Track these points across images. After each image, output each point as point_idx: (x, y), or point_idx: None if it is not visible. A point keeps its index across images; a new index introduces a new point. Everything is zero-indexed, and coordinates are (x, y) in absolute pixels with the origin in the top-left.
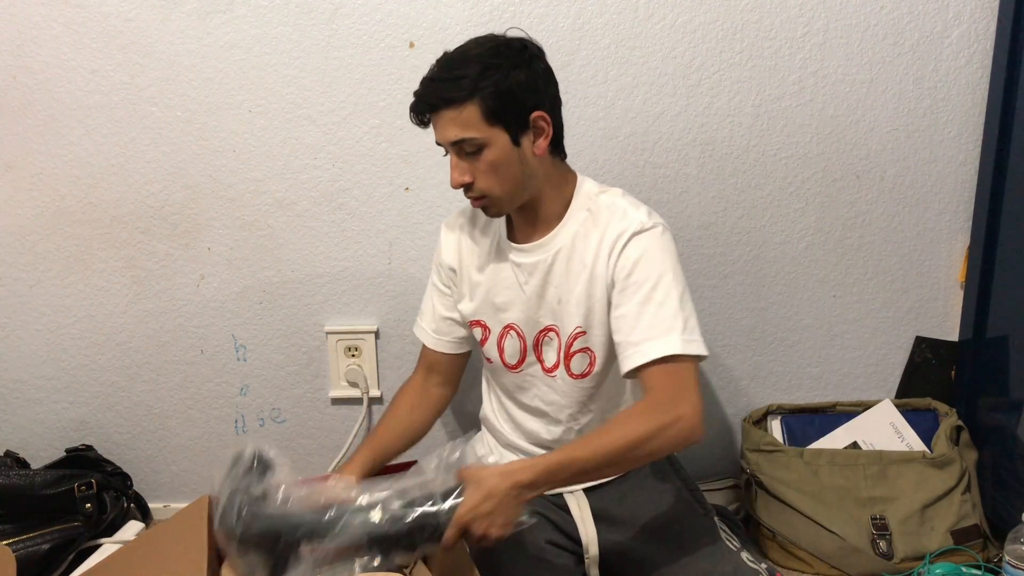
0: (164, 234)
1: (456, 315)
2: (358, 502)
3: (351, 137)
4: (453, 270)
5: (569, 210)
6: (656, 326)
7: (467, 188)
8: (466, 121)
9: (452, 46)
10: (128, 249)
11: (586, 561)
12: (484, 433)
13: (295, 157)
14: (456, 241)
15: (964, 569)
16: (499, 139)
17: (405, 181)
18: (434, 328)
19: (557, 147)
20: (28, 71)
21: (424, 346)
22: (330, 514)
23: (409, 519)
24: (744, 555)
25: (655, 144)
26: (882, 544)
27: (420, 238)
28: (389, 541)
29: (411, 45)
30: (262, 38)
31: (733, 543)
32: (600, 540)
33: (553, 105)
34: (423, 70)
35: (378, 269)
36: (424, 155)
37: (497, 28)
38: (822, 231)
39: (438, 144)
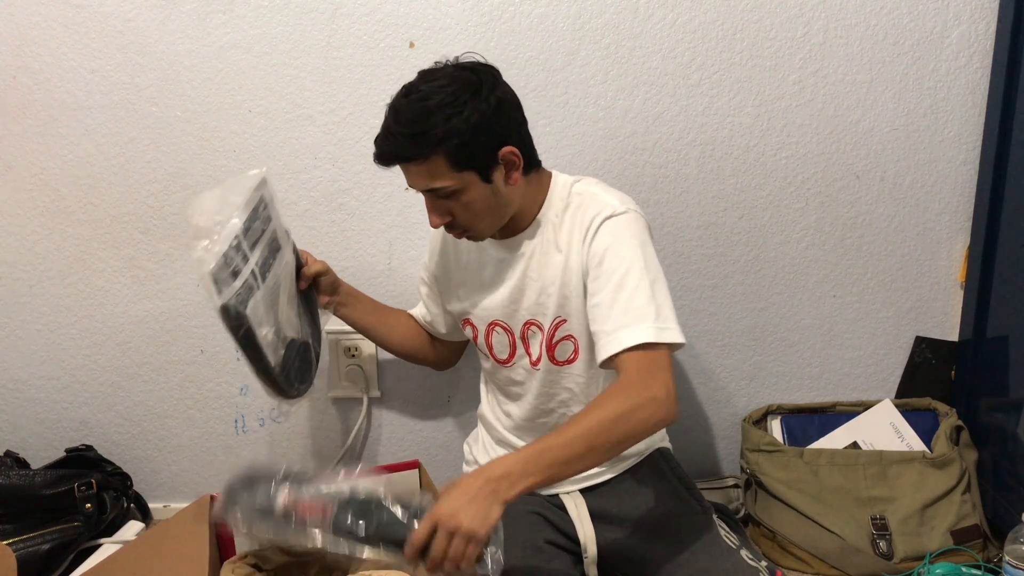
0: (164, 234)
1: (435, 313)
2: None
3: (351, 137)
4: (436, 278)
5: (544, 206)
6: (629, 313)
7: (448, 226)
8: (434, 173)
9: (452, 46)
10: (128, 249)
11: (584, 561)
12: (479, 430)
13: (295, 157)
14: (441, 248)
15: (964, 569)
16: (470, 181)
17: (405, 181)
18: (420, 312)
19: (529, 163)
20: (28, 71)
21: None
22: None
23: (376, 504)
24: (743, 553)
25: (655, 144)
26: (882, 544)
27: (420, 238)
28: (354, 514)
29: (411, 45)
30: (262, 38)
31: (732, 541)
32: (598, 539)
33: (519, 130)
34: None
35: (378, 269)
36: None
37: (497, 28)
38: (822, 231)
39: (410, 186)
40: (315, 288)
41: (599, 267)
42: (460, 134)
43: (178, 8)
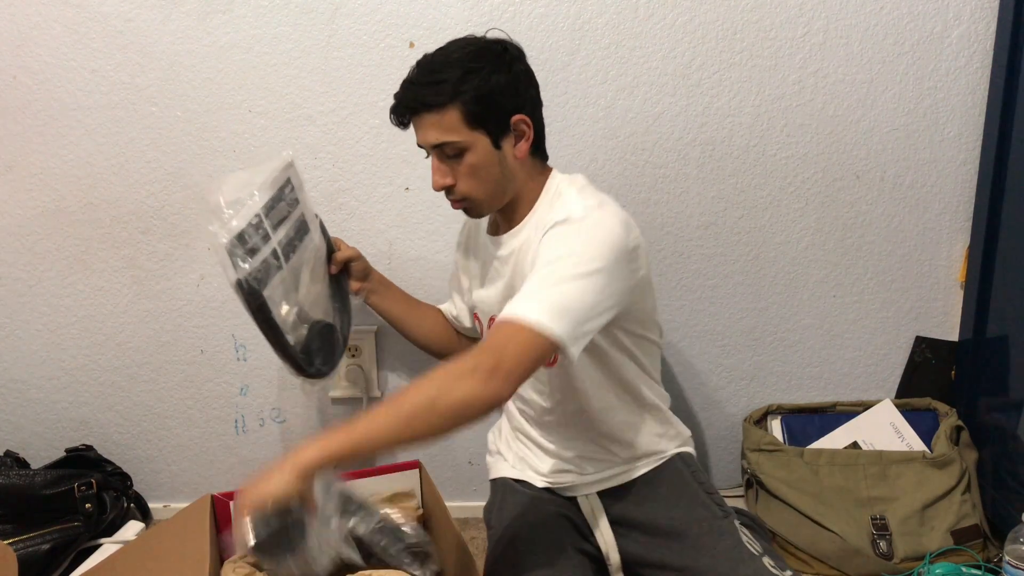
0: (164, 234)
1: (461, 308)
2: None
3: (351, 137)
4: (459, 270)
5: (536, 203)
6: (524, 289)
7: (448, 191)
8: (447, 125)
9: None
10: (128, 249)
11: (609, 568)
12: (502, 420)
13: (295, 157)
14: (465, 241)
15: (964, 569)
16: (480, 142)
17: (405, 181)
18: (447, 306)
19: (538, 148)
20: (28, 71)
21: None
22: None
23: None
24: (766, 560)
25: (655, 144)
26: (882, 544)
27: (420, 238)
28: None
29: (411, 45)
30: (262, 38)
31: (755, 548)
32: (619, 546)
33: (534, 107)
34: None
35: (378, 269)
36: (424, 155)
37: (497, 28)
38: (822, 231)
39: (419, 146)
40: (346, 274)
41: (537, 259)
42: (477, 89)
43: (178, 8)
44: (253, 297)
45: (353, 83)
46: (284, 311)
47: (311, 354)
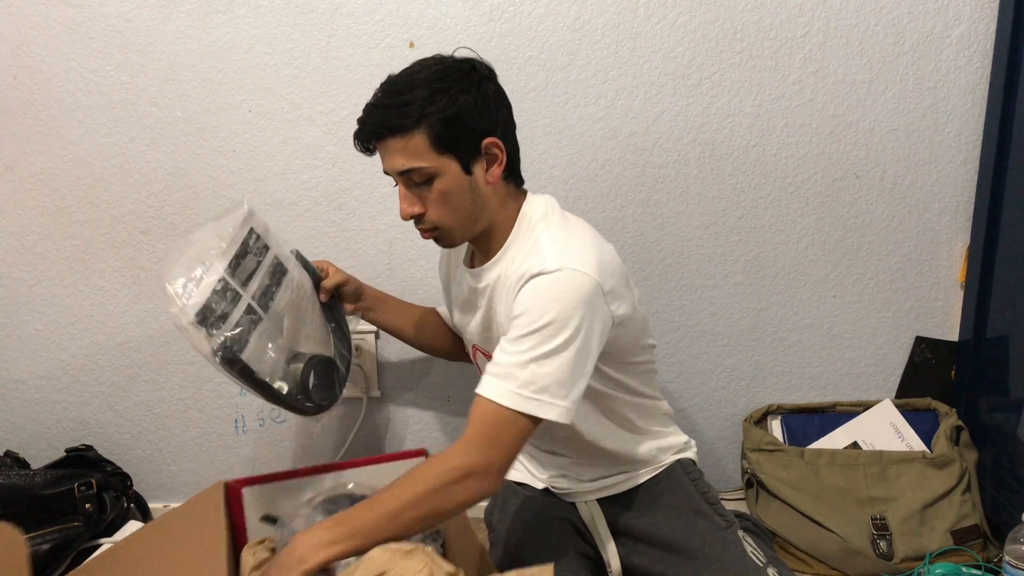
0: (164, 234)
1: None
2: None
3: (351, 137)
4: (442, 283)
5: (510, 236)
6: (502, 364)
7: (417, 219)
8: (413, 150)
9: (452, 46)
10: (128, 249)
11: (609, 574)
12: None
13: (295, 157)
14: (446, 260)
15: (964, 569)
16: (449, 168)
17: None
18: (444, 310)
19: (512, 172)
20: (28, 71)
21: None
22: None
23: None
24: (771, 571)
25: (655, 144)
26: (882, 544)
27: (420, 238)
28: None
29: (411, 45)
30: (262, 38)
31: (759, 558)
32: (620, 555)
33: (506, 129)
34: None
35: (378, 269)
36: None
37: (497, 28)
38: (822, 231)
39: (386, 173)
40: (339, 298)
41: (515, 318)
42: (444, 111)
43: (178, 8)
44: (231, 364)
45: (353, 83)
46: (272, 359)
47: (308, 391)
